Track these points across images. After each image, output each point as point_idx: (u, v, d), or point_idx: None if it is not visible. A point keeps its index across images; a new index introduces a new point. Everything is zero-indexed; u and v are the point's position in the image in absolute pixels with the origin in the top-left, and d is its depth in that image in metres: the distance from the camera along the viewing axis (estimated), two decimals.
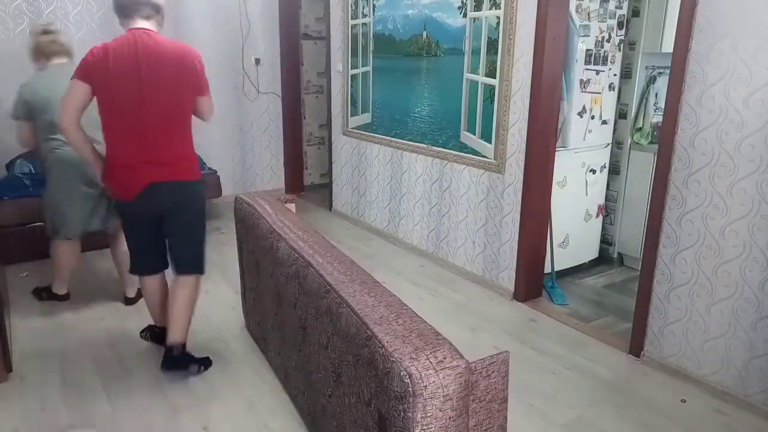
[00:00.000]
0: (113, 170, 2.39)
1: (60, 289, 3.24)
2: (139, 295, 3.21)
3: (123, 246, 2.83)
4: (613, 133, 3.74)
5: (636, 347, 2.72)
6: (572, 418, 2.30)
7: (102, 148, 2.44)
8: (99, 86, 2.27)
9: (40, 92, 2.82)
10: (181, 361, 2.52)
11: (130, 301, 3.25)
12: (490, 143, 3.36)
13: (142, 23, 2.35)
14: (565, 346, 2.86)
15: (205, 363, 2.60)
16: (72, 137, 2.33)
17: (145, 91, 2.27)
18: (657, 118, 3.64)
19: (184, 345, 2.54)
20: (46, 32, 2.97)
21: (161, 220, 2.48)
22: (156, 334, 2.78)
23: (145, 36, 2.31)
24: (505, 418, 1.50)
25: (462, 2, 3.44)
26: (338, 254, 2.01)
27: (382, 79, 4.30)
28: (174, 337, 2.50)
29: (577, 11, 3.27)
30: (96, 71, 2.26)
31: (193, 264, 2.55)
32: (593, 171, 3.66)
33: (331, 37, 4.81)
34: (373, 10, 4.22)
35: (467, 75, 3.48)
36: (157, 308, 2.70)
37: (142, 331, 2.85)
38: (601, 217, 3.82)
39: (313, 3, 5.66)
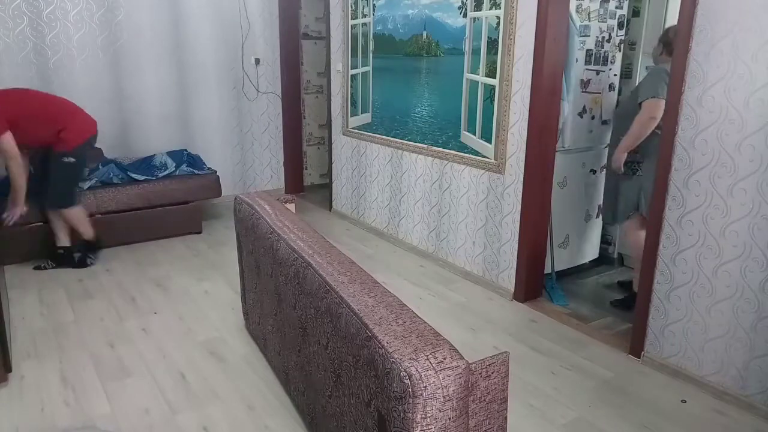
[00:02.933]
0: None
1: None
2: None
3: None
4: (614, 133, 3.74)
5: (636, 347, 2.72)
6: (572, 418, 2.29)
7: None
8: None
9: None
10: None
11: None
12: (490, 143, 3.36)
13: None
14: (565, 346, 2.86)
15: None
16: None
17: None
18: None
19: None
20: None
21: None
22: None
23: None
24: (505, 418, 1.50)
25: (462, 2, 3.44)
26: (338, 254, 2.01)
27: (382, 79, 4.30)
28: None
29: (577, 11, 3.27)
30: None
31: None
32: (593, 171, 3.66)
33: (331, 37, 4.81)
34: (373, 10, 4.22)
35: (467, 75, 3.48)
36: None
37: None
38: (601, 217, 3.82)
39: (313, 3, 5.66)
